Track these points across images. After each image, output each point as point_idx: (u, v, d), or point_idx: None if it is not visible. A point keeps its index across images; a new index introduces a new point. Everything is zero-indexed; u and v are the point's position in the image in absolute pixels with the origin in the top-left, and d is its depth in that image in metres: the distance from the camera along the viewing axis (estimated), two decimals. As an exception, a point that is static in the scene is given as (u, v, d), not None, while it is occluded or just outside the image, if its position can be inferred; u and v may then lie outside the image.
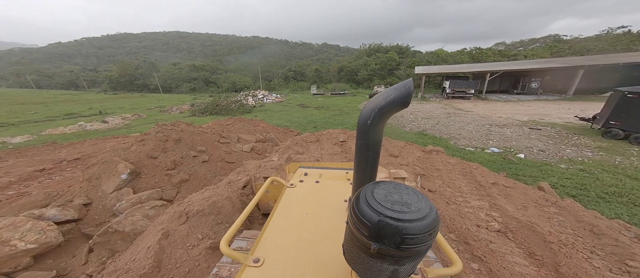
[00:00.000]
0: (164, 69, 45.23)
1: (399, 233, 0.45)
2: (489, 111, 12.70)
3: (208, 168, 3.49)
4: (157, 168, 3.05)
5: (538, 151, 6.62)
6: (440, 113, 13.09)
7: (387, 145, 5.75)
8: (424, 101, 18.75)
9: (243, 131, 7.11)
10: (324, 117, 12.83)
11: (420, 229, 0.45)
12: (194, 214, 2.40)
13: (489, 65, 20.26)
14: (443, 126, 9.84)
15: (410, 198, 0.52)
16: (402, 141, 7.72)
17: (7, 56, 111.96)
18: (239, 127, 7.93)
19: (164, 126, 3.60)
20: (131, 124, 11.72)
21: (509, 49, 33.03)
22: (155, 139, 3.26)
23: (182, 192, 3.06)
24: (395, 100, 0.67)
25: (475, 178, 4.24)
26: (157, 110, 16.81)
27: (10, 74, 59.10)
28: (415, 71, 22.05)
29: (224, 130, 6.95)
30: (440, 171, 4.57)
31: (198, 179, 3.28)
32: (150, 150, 3.13)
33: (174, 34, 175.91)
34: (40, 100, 25.72)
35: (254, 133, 7.11)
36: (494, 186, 3.92)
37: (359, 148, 0.81)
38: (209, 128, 8.51)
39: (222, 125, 8.63)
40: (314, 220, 1.02)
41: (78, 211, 2.31)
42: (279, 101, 21.12)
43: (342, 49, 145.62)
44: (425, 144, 7.52)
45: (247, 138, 4.78)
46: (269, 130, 8.28)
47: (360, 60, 38.60)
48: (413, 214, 0.47)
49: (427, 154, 5.37)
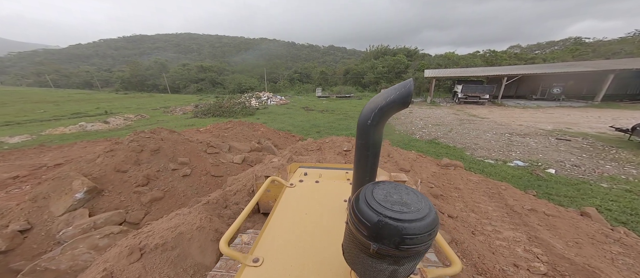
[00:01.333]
0: (173, 69, 46.17)
1: (399, 233, 0.45)
2: (507, 118, 11.75)
3: (189, 184, 3.01)
4: (126, 184, 2.59)
5: (571, 166, 5.78)
6: (453, 119, 12.25)
7: (397, 157, 5.11)
8: (434, 105, 17.86)
9: (240, 136, 6.65)
10: (328, 121, 12.27)
11: (419, 229, 0.45)
12: (152, 249, 1.88)
13: (507, 68, 19.01)
14: (457, 134, 9.05)
15: (410, 198, 0.51)
16: (413, 151, 7.03)
17: (31, 57, 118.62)
18: (237, 131, 7.48)
19: (140, 134, 3.16)
20: (132, 125, 11.57)
21: (525, 52, 31.42)
22: (128, 149, 2.81)
23: (153, 213, 2.57)
24: (395, 100, 0.67)
25: (505, 201, 3.54)
26: (162, 111, 16.77)
27: (31, 73, 62.18)
28: (425, 74, 21.14)
29: (220, 135, 6.51)
30: (460, 192, 3.89)
31: (175, 197, 2.80)
32: (119, 163, 2.68)
33: (185, 35, 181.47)
34: (54, 99, 26.54)
35: (251, 139, 6.63)
36: (532, 213, 3.22)
37: (358, 148, 0.81)
38: (206, 131, 8.13)
39: (220, 129, 8.22)
40: (314, 220, 1.01)
41: (9, 241, 1.85)
42: (283, 104, 20.77)
43: (349, 52, 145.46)
44: (439, 156, 6.81)
45: (239, 147, 4.30)
46: (269, 135, 7.80)
47: (367, 62, 37.90)
48: (412, 214, 0.47)
49: (444, 169, 4.69)
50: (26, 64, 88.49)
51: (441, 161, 5.11)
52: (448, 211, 3.38)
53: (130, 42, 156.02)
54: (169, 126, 12.05)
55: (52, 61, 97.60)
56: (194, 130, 8.11)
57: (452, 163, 4.88)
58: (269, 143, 5.82)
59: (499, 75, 16.35)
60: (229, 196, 2.61)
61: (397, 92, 0.67)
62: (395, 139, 8.59)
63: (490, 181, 4.10)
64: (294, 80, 40.87)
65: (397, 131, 10.02)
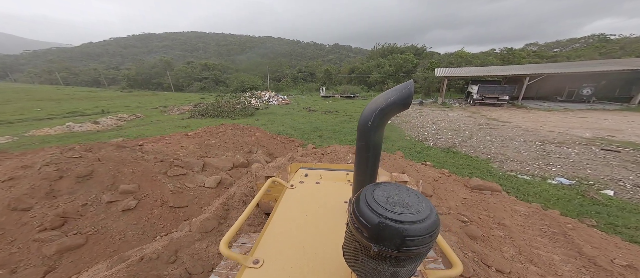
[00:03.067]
0: (178, 68, 46.13)
1: (400, 235, 0.45)
2: (532, 123, 10.45)
3: (132, 220, 2.15)
4: (24, 227, 1.76)
5: (634, 187, 4.62)
6: (470, 123, 11.04)
7: (412, 172, 4.10)
8: (446, 107, 16.56)
9: (229, 144, 5.77)
10: (332, 124, 11.29)
11: (420, 231, 0.45)
12: None
13: (530, 67, 17.16)
14: (478, 142, 7.92)
15: (411, 199, 0.51)
16: (427, 162, 5.99)
17: (45, 55, 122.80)
18: (229, 137, 6.62)
19: (67, 152, 2.29)
20: (124, 126, 10.93)
21: (544, 50, 29.41)
22: (39, 177, 1.98)
23: (61, 269, 1.72)
24: (395, 101, 0.67)
25: (578, 248, 2.50)
26: (160, 110, 16.19)
27: (43, 71, 63.80)
28: (436, 74, 19.77)
29: (204, 143, 5.66)
30: (507, 229, 2.86)
31: (104, 241, 1.95)
32: (19, 197, 1.85)
33: (192, 34, 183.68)
34: (58, 96, 26.57)
35: (242, 147, 5.75)
36: (630, 270, 2.17)
37: (359, 149, 0.82)
38: (195, 135, 7.29)
39: (210, 133, 7.38)
40: (314, 221, 1.00)
41: None
42: (285, 103, 19.92)
43: (354, 50, 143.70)
44: (460, 168, 5.74)
45: (217, 164, 3.41)
46: (264, 141, 6.91)
47: (374, 61, 36.61)
48: (413, 216, 0.47)
49: (477, 194, 3.66)
50: (40, 62, 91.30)
51: (470, 181, 4.08)
52: (495, 261, 2.37)
53: (139, 41, 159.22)
54: (164, 127, 11.39)
55: (64, 59, 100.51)
56: (181, 134, 7.30)
57: (487, 185, 3.84)
58: (260, 155, 4.91)
59: (520, 74, 14.83)
60: (184, 243, 1.72)
61: (397, 93, 0.67)
62: (405, 147, 7.55)
63: (549, 215, 3.05)
64: (297, 79, 40.00)
65: (408, 136, 8.96)
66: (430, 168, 5.14)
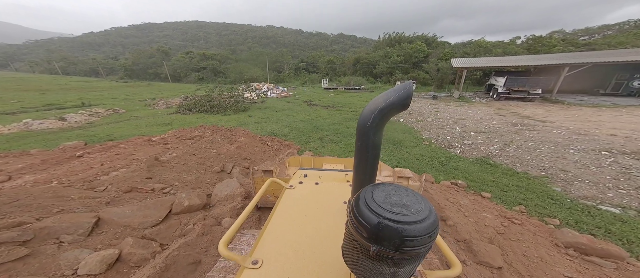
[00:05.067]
0: (175, 58, 44.36)
1: (399, 235, 0.45)
2: (581, 123, 8.60)
3: None
4: None
5: None
6: (500, 122, 9.25)
7: (459, 220, 2.57)
8: (464, 102, 14.62)
9: (194, 160, 4.25)
10: (334, 122, 9.68)
11: (419, 231, 0.45)
12: None
13: (568, 56, 14.58)
14: (521, 150, 6.24)
15: (410, 200, 0.51)
16: (460, 180, 4.42)
17: (47, 45, 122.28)
18: (202, 145, 5.10)
19: None
20: (95, 123, 9.54)
21: (572, 37, 26.45)
22: None
23: None
24: (395, 102, 0.68)
25: None
26: (146, 103, 14.75)
27: (42, 61, 62.91)
28: (454, 64, 17.58)
29: (157, 164, 4.17)
30: None
31: None
32: None
33: (193, 23, 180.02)
34: (49, 87, 25.43)
35: (212, 163, 4.23)
36: None
37: (358, 150, 0.81)
38: (162, 140, 5.79)
39: (182, 138, 5.87)
40: (313, 222, 1.00)
41: None
42: (285, 96, 18.24)
43: (359, 40, 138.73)
44: (506, 190, 4.16)
45: (130, 218, 1.79)
46: (249, 149, 5.36)
47: (380, 51, 34.12)
48: (412, 216, 0.47)
49: (587, 268, 2.09)
50: (41, 51, 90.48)
51: (560, 235, 2.50)
52: None
53: (139, 30, 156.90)
54: (140, 125, 9.82)
55: (66, 48, 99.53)
56: (145, 139, 5.81)
57: (598, 247, 2.25)
58: (236, 174, 3.39)
59: (556, 64, 12.54)
60: None
61: (397, 94, 0.68)
62: (425, 156, 5.96)
63: None
64: (299, 69, 37.88)
65: (426, 140, 7.30)
66: (487, 203, 3.55)
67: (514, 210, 3.48)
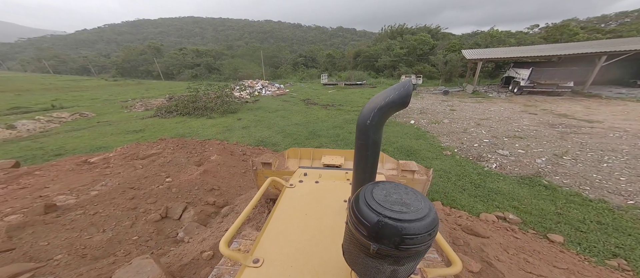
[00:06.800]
0: (168, 54, 42.49)
1: (399, 234, 0.45)
2: (637, 122, 7.12)
3: None
4: None
5: None
6: (534, 123, 7.76)
7: None
8: (481, 97, 13.08)
9: (124, 200, 2.86)
10: (334, 124, 8.26)
11: (419, 229, 0.45)
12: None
13: (603, 43, 12.68)
14: (582, 164, 4.81)
15: (410, 198, 0.52)
16: (511, 213, 3.07)
17: (39, 42, 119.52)
18: (153, 170, 3.71)
19: None
20: (53, 131, 8.14)
21: (588, 25, 24.54)
22: None
23: None
24: (394, 100, 0.69)
25: None
26: (124, 104, 13.30)
27: (33, 59, 61.00)
28: (467, 56, 15.91)
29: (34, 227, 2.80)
30: None
31: None
32: None
33: (188, 19, 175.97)
34: (31, 86, 23.93)
35: (151, 205, 2.84)
36: None
37: (358, 148, 0.81)
38: (102, 161, 4.39)
39: (128, 160, 4.46)
40: (314, 221, 1.00)
41: None
42: (280, 94, 16.73)
43: (359, 33, 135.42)
44: (581, 230, 2.96)
45: None
46: (219, 175, 3.94)
47: (382, 43, 32.28)
48: (412, 214, 0.47)
49: None
50: (33, 49, 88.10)
51: None
52: None
53: (133, 27, 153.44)
54: (105, 133, 8.11)
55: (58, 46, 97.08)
56: (80, 161, 4.36)
57: None
58: (187, 223, 2.04)
59: (591, 53, 10.78)
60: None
61: (396, 92, 0.69)
62: (449, 171, 4.60)
63: None
64: (297, 64, 36.09)
65: (448, 149, 5.88)
66: (561, 252, 2.18)
67: (609, 266, 2.14)
